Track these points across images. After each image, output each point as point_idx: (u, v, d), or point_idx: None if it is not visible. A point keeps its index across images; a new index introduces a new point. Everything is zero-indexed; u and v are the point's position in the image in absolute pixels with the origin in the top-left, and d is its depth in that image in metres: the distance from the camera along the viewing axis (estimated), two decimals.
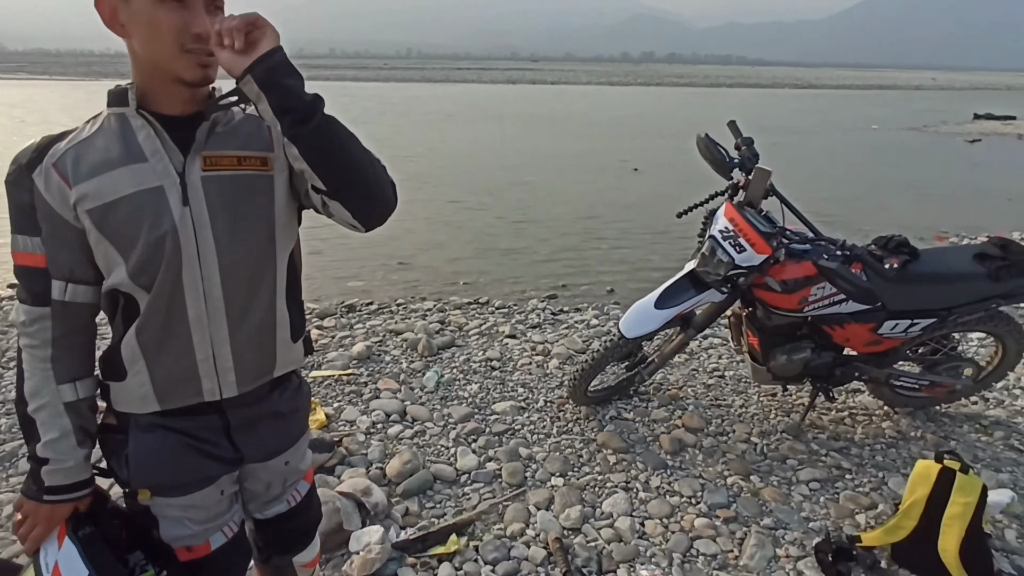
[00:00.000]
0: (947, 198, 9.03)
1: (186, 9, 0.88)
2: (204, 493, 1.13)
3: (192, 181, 0.97)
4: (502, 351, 3.55)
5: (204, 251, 0.98)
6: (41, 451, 1.01)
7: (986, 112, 23.52)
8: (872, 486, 2.37)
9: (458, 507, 2.27)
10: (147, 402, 1.04)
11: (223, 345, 1.04)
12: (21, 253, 0.97)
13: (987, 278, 2.31)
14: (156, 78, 0.94)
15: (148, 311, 0.99)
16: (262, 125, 1.05)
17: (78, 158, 0.94)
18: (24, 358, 1.01)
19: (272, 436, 1.20)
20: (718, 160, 2.37)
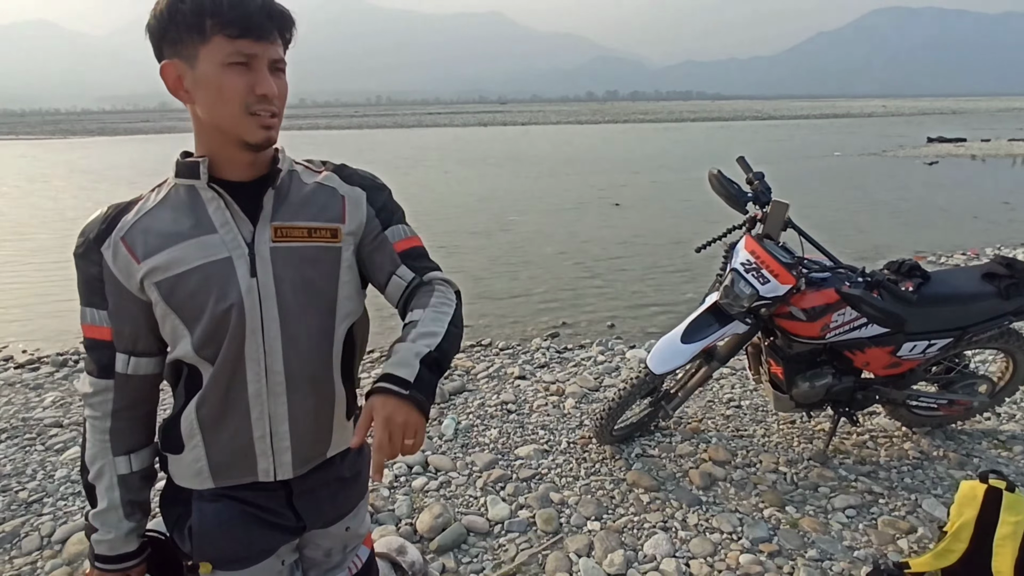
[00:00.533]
0: (917, 218, 9.37)
1: (252, 72, 0.89)
2: (265, 565, 1.09)
3: (260, 252, 0.96)
4: (515, 393, 3.52)
5: (268, 323, 0.96)
6: (92, 519, 1.03)
7: (938, 135, 24.67)
8: (907, 509, 2.37)
9: (496, 559, 2.20)
10: (202, 478, 1.01)
11: (281, 422, 1.01)
12: (90, 326, 0.98)
13: (997, 296, 2.39)
14: (220, 143, 0.94)
15: (210, 384, 0.97)
16: (335, 195, 1.04)
17: (146, 231, 0.94)
18: (87, 427, 1.03)
19: (334, 502, 1.15)
20: (732, 195, 2.43)
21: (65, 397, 3.73)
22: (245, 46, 0.87)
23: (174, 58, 0.90)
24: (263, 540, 1.06)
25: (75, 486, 2.72)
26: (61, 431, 3.26)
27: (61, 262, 7.76)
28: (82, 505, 2.59)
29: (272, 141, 0.95)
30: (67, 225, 10.22)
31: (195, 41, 0.87)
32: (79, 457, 2.97)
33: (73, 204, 12.63)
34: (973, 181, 13.72)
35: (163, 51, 0.90)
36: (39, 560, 2.27)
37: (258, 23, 0.87)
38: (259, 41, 0.88)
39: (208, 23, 0.85)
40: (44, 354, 4.67)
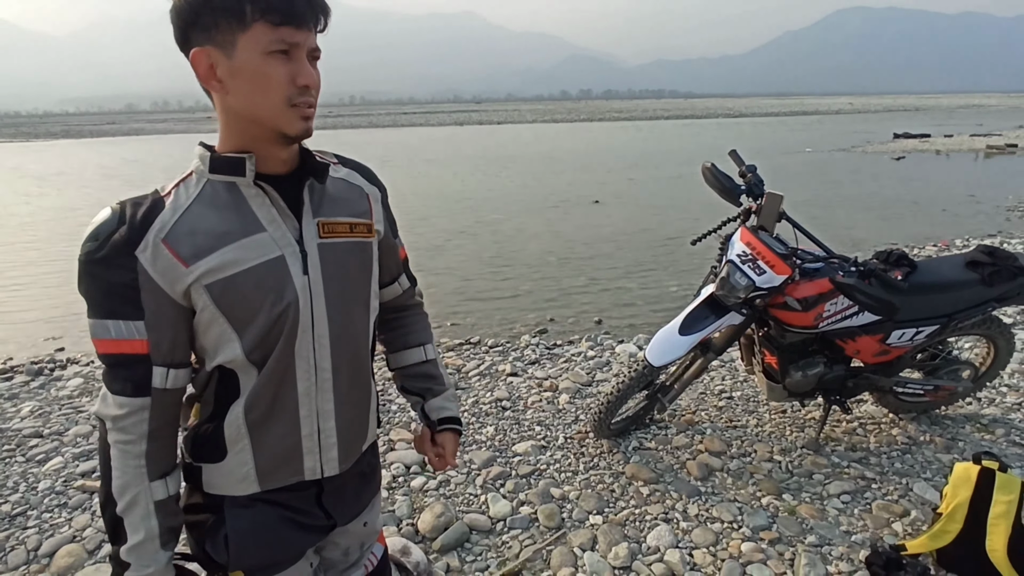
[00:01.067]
0: (888, 212, 9.60)
1: (293, 61, 0.86)
2: (296, 567, 1.07)
3: (310, 249, 0.94)
4: (509, 390, 3.51)
5: (318, 320, 0.95)
6: (125, 555, 0.92)
7: (904, 131, 25.36)
8: (899, 493, 2.43)
9: (500, 557, 2.20)
10: (247, 483, 0.98)
11: (328, 419, 1.00)
12: (115, 340, 0.87)
13: (981, 283, 2.46)
14: (256, 136, 0.89)
15: (259, 386, 0.93)
16: (361, 192, 1.06)
17: (193, 232, 0.87)
18: (114, 455, 0.91)
19: (357, 497, 1.15)
20: (727, 188, 2.46)
21: (43, 407, 3.61)
22: (288, 34, 0.83)
23: (207, 45, 0.84)
24: (297, 542, 1.04)
25: (60, 498, 2.64)
26: (42, 441, 3.16)
27: (23, 266, 7.53)
28: (68, 516, 2.51)
29: (311, 133, 0.91)
30: (27, 229, 9.92)
31: (233, 28, 0.82)
32: (62, 469, 2.86)
33: (34, 209, 12.25)
34: (939, 175, 14.11)
35: (192, 38, 0.85)
36: (26, 574, 2.20)
37: (300, 10, 0.84)
38: (300, 29, 0.85)
39: (248, 9, 0.81)
40: (17, 363, 4.52)
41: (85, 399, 3.71)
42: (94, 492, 2.66)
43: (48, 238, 9.32)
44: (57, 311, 5.82)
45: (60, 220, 10.93)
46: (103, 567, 2.20)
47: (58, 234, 9.61)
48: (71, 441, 3.14)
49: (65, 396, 3.77)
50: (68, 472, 2.84)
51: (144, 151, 27.97)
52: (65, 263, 7.68)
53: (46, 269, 7.47)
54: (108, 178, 17.27)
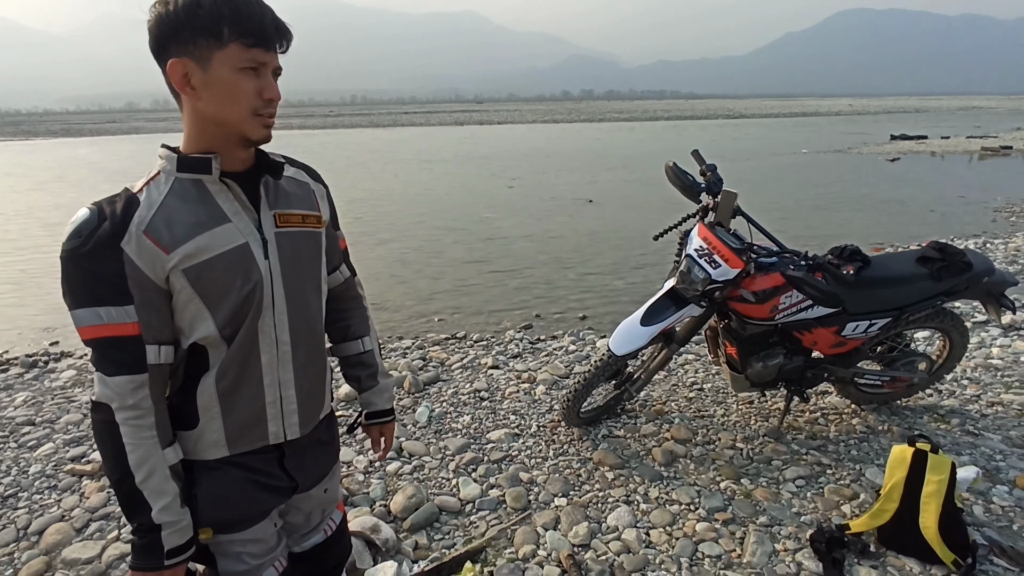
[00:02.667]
0: (878, 212, 9.70)
1: (260, 77, 0.99)
2: (261, 526, 1.18)
3: (269, 236, 1.07)
4: (488, 382, 3.63)
5: (278, 300, 1.08)
6: (157, 517, 1.01)
7: (901, 133, 25.43)
8: (852, 478, 2.54)
9: (467, 536, 2.31)
10: (217, 448, 1.09)
11: (288, 388, 1.13)
12: (107, 325, 0.97)
13: (930, 278, 2.57)
14: (220, 138, 1.01)
15: (229, 359, 1.05)
16: (307, 188, 1.19)
17: (169, 223, 0.98)
18: (125, 432, 0.99)
19: (317, 463, 1.27)
20: (687, 185, 2.57)
21: (36, 397, 3.73)
22: (258, 54, 0.96)
23: (183, 57, 0.95)
24: (262, 501, 1.16)
25: (50, 480, 2.76)
26: (34, 428, 3.27)
27: (18, 262, 7.64)
28: (58, 497, 2.63)
29: (270, 139, 1.04)
30: (22, 225, 10.03)
31: (211, 45, 0.94)
32: (52, 454, 2.97)
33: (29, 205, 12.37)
34: (932, 176, 14.20)
35: (169, 49, 0.95)
36: (15, 551, 2.31)
37: (269, 34, 0.97)
38: (268, 50, 0.98)
39: (226, 30, 0.93)
40: (12, 356, 4.64)
41: (78, 390, 3.82)
42: (83, 476, 2.77)
43: (42, 234, 9.44)
44: (51, 306, 5.94)
45: (55, 217, 11.04)
46: (89, 543, 2.32)
47: (52, 230, 9.71)
48: (62, 428, 3.25)
49: (58, 387, 3.89)
50: (59, 457, 2.95)
51: (148, 150, 28.09)
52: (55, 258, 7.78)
53: (41, 265, 7.59)
54: (103, 174, 17.38)
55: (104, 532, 2.39)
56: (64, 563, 2.23)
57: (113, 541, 2.33)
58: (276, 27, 0.98)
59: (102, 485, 2.69)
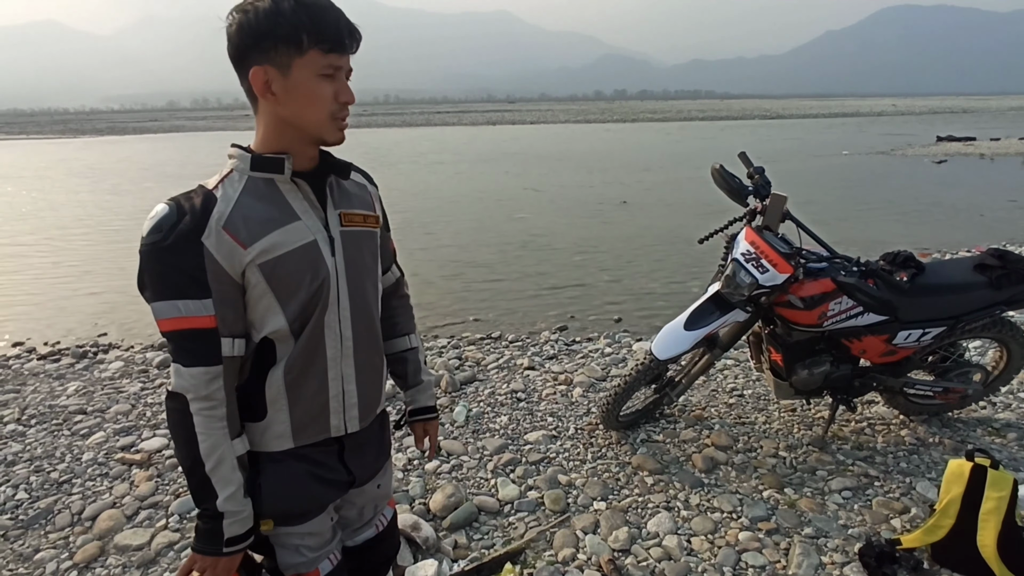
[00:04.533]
0: (923, 216, 9.39)
1: (336, 82, 1.02)
2: (319, 519, 1.20)
3: (335, 235, 1.11)
4: (525, 383, 3.63)
5: (341, 296, 1.11)
6: (222, 505, 1.04)
7: (947, 134, 24.53)
8: (902, 491, 2.46)
9: (506, 536, 2.31)
10: (283, 439, 1.12)
11: (351, 382, 1.16)
12: (186, 318, 0.99)
13: (989, 287, 2.47)
14: (296, 140, 1.04)
15: (296, 352, 1.08)
16: (366, 190, 1.23)
17: (246, 219, 1.01)
18: (199, 422, 1.02)
19: (372, 458, 1.29)
20: (734, 188, 2.53)
21: (87, 386, 3.87)
22: (335, 60, 0.99)
23: (265, 64, 0.98)
24: (322, 495, 1.18)
25: (102, 468, 2.86)
26: (85, 417, 3.40)
27: (68, 256, 7.94)
28: (109, 485, 2.72)
29: (344, 140, 1.07)
30: (80, 221, 10.41)
31: (291, 53, 0.97)
32: (103, 443, 3.08)
33: (83, 201, 12.84)
34: (981, 180, 13.68)
35: (250, 57, 0.98)
36: (71, 536, 2.40)
37: (343, 39, 0.99)
38: (343, 55, 1.01)
39: (306, 38, 0.96)
40: (64, 346, 4.83)
41: (125, 380, 3.96)
42: (132, 464, 2.87)
43: (88, 231, 9.79)
44: (100, 299, 6.17)
45: (100, 215, 11.45)
46: (139, 531, 2.39)
47: (99, 227, 10.08)
48: (112, 418, 3.37)
49: (107, 377, 4.03)
50: (109, 446, 3.06)
51: (190, 145, 28.89)
52: (109, 254, 8.09)
53: (89, 259, 7.87)
54: (145, 173, 17.95)
55: (153, 520, 2.47)
56: (116, 548, 2.31)
57: (162, 529, 2.40)
58: (349, 31, 1.00)
59: (151, 474, 2.77)
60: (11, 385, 3.94)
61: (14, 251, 8.44)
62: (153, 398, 3.64)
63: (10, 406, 3.57)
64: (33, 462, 2.93)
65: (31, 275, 7.23)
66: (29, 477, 2.78)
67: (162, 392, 3.71)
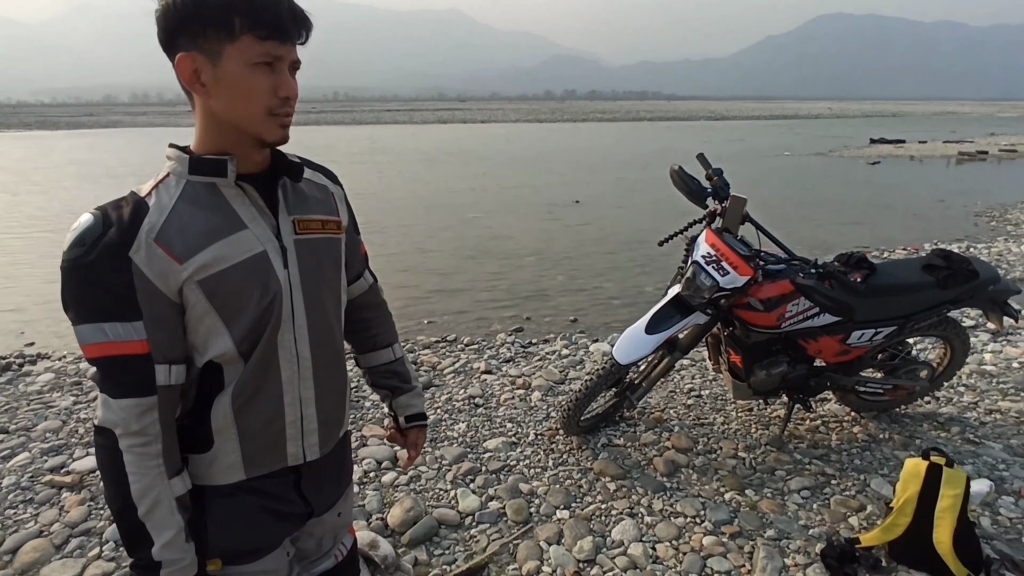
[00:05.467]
0: (861, 215, 9.80)
1: (275, 73, 0.89)
2: (274, 556, 1.09)
3: (288, 244, 0.99)
4: (482, 388, 3.55)
5: (297, 312, 1.00)
6: (158, 554, 0.92)
7: (880, 137, 25.86)
8: (857, 488, 2.51)
9: (468, 551, 2.23)
10: (232, 471, 1.00)
11: (309, 406, 1.05)
12: (113, 343, 0.88)
13: (936, 287, 2.55)
14: (234, 139, 0.93)
15: (246, 376, 0.96)
16: (327, 191, 1.11)
17: (182, 230, 0.89)
18: (129, 460, 0.90)
19: (332, 486, 1.19)
20: (693, 190, 2.52)
21: (10, 402, 3.56)
22: (272, 47, 0.87)
23: (192, 51, 0.87)
24: (276, 530, 1.07)
25: (26, 493, 2.61)
26: (7, 437, 3.11)
27: (4, 256, 7.38)
28: (35, 512, 2.49)
29: (287, 140, 0.95)
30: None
31: (221, 38, 0.85)
32: (28, 464, 2.82)
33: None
34: (912, 180, 14.43)
35: (177, 42, 0.87)
36: None
37: (286, 25, 0.87)
38: (284, 43, 0.88)
39: (237, 22, 0.84)
40: None
41: (56, 394, 3.66)
42: (62, 487, 2.64)
43: (13, 232, 9.14)
44: (26, 306, 5.72)
45: (29, 215, 10.72)
46: (70, 562, 2.19)
47: (27, 229, 9.42)
48: (39, 436, 3.10)
49: (35, 391, 3.72)
50: (35, 467, 2.81)
51: (129, 143, 27.49)
52: (34, 257, 7.54)
53: (13, 262, 7.32)
54: (79, 169, 16.94)
55: (85, 549, 2.27)
56: None
57: (95, 559, 2.21)
58: (293, 16, 0.88)
59: (83, 498, 2.56)
60: None
61: None
62: (87, 413, 3.37)
63: None
64: None
65: None
66: None
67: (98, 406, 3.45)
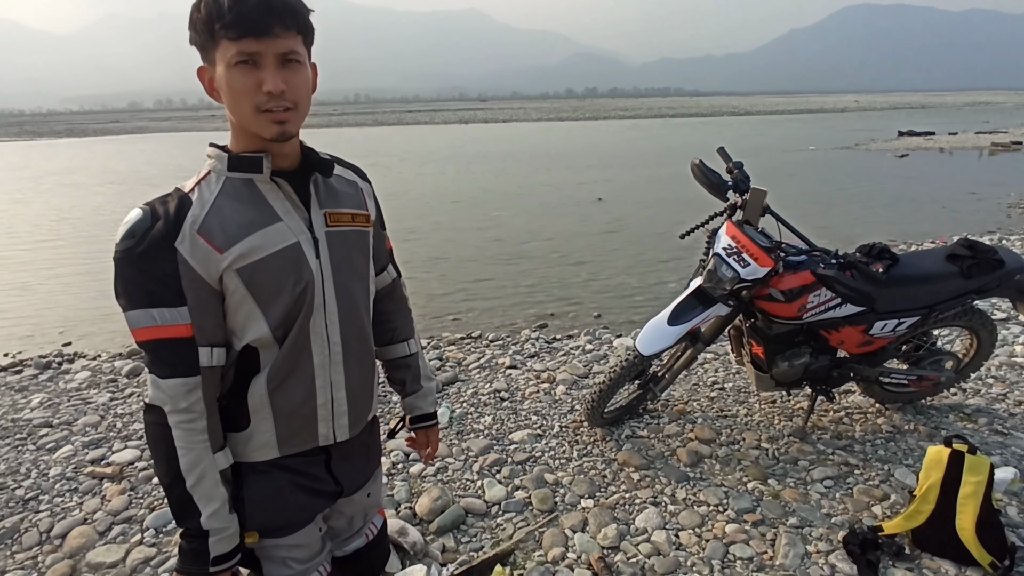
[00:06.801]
0: (888, 209, 9.64)
1: (259, 70, 0.92)
2: (306, 531, 1.16)
3: (320, 236, 1.05)
4: (507, 382, 3.60)
5: (328, 299, 1.06)
6: (206, 523, 1.00)
7: (908, 129, 25.30)
8: (881, 478, 2.51)
9: (494, 538, 2.29)
10: (268, 449, 1.07)
11: (339, 389, 1.11)
12: (161, 327, 0.95)
13: (960, 276, 2.53)
14: (248, 138, 0.99)
15: (280, 360, 1.03)
16: (356, 187, 1.17)
17: (223, 222, 0.96)
18: (177, 435, 0.97)
19: (361, 467, 1.25)
20: (714, 183, 2.54)
21: (52, 398, 3.72)
22: (246, 45, 0.90)
23: (204, 63, 0.96)
24: (308, 506, 1.14)
25: (71, 483, 2.75)
26: (51, 431, 3.27)
27: (30, 265, 7.66)
28: (79, 500, 2.62)
29: (287, 134, 0.97)
30: (32, 228, 10.06)
31: (210, 46, 0.93)
32: (72, 456, 2.95)
33: (46, 206, 12.41)
34: (942, 172, 14.11)
35: (201, 56, 0.96)
36: (39, 555, 2.30)
37: (255, 20, 0.89)
38: (260, 38, 0.90)
39: (216, 28, 0.90)
40: (26, 357, 4.64)
41: (93, 391, 3.82)
42: (103, 478, 2.76)
43: (54, 237, 9.47)
44: (64, 308, 5.95)
45: (64, 220, 11.09)
46: (113, 547, 2.30)
47: (64, 233, 9.75)
48: (80, 430, 3.25)
49: (73, 388, 3.89)
50: (78, 459, 2.94)
51: (155, 148, 28.16)
52: (74, 262, 7.82)
53: (52, 267, 7.60)
54: (110, 176, 17.43)
55: (127, 535, 2.38)
56: (89, 566, 2.22)
57: (137, 545, 2.32)
58: (267, 8, 0.89)
59: (123, 488, 2.68)
60: None
61: None
62: (123, 408, 3.52)
63: None
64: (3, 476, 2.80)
65: None
66: None
67: (133, 402, 3.59)
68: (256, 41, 0.90)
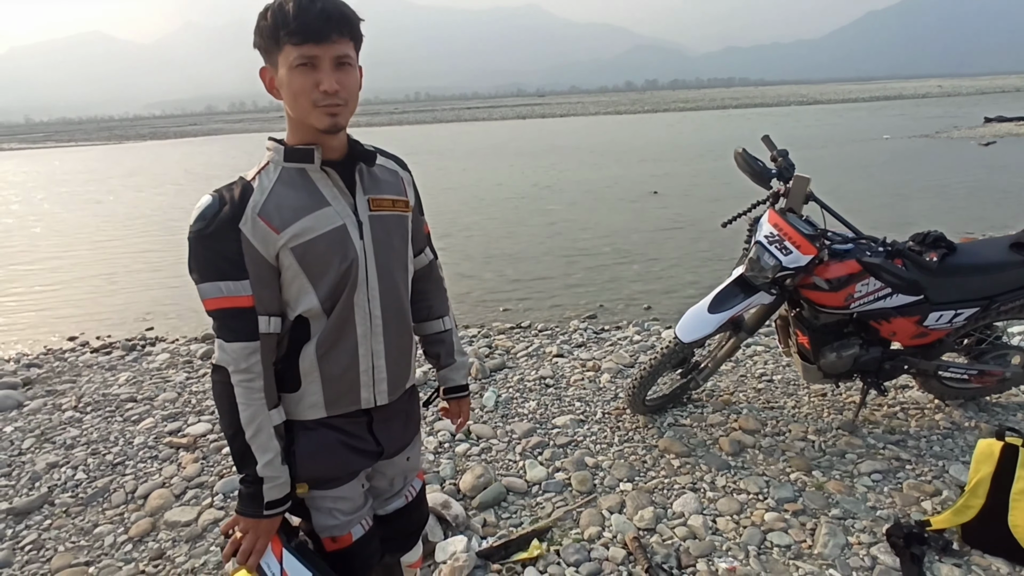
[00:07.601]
0: (968, 200, 9.06)
1: (317, 71, 1.05)
2: (350, 486, 1.29)
3: (363, 219, 1.18)
4: (553, 369, 3.68)
5: (370, 277, 1.18)
6: (261, 471, 1.13)
7: (997, 115, 23.45)
8: (934, 474, 2.43)
9: (533, 516, 2.37)
10: (316, 409, 1.20)
11: (380, 357, 1.23)
12: (227, 297, 1.08)
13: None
14: (307, 131, 1.12)
15: (328, 329, 1.16)
16: (397, 175, 1.29)
17: (279, 207, 1.09)
18: (238, 392, 1.10)
19: (400, 431, 1.37)
20: (757, 171, 2.52)
21: (136, 376, 4.08)
22: (307, 50, 1.03)
23: (267, 64, 1.09)
24: (353, 462, 1.27)
25: (151, 451, 3.02)
26: (136, 405, 3.59)
27: (114, 257, 8.30)
28: (159, 467, 2.88)
29: (339, 127, 1.10)
30: (116, 225, 10.85)
31: (274, 50, 1.06)
32: (152, 428, 3.24)
33: (132, 203, 13.35)
34: None
35: (264, 58, 1.09)
36: (125, 512, 2.56)
37: (316, 28, 1.02)
38: (320, 44, 1.03)
39: (281, 34, 1.03)
40: (114, 340, 5.08)
41: (171, 371, 4.16)
42: (179, 448, 3.03)
43: (130, 233, 10.20)
44: (146, 297, 6.46)
45: (143, 217, 11.90)
46: (187, 508, 2.54)
47: (145, 230, 10.49)
48: (160, 405, 3.56)
49: (155, 368, 4.24)
50: (158, 431, 3.23)
51: (225, 149, 29.66)
52: (155, 252, 8.43)
53: (134, 259, 8.22)
54: (189, 175, 18.53)
55: (199, 499, 2.61)
56: (166, 524, 2.46)
57: (207, 507, 2.54)
58: (326, 18, 1.03)
59: (196, 457, 2.93)
60: (68, 376, 4.19)
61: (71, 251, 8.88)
62: (197, 387, 3.82)
63: (67, 395, 3.80)
64: (90, 445, 3.11)
65: (82, 273, 7.60)
66: (86, 459, 2.97)
67: (206, 381, 3.89)
68: (316, 46, 1.03)
